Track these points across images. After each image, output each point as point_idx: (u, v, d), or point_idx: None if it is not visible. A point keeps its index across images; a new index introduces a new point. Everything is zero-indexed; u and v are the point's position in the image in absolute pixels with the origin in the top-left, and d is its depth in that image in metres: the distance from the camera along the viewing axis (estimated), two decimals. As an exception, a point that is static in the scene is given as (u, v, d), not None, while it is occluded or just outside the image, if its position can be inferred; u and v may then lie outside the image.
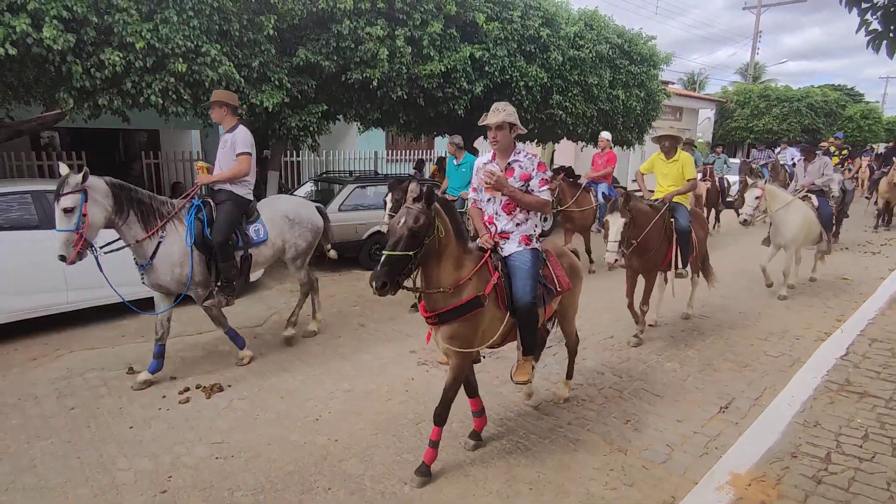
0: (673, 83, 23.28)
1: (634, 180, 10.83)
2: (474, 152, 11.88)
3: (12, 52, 4.41)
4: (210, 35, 5.62)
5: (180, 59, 5.32)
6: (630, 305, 5.50)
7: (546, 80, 8.87)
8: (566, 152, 18.86)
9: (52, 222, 5.31)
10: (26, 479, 3.19)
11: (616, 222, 4.72)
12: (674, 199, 5.42)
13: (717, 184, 11.53)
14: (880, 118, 27.18)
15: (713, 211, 11.69)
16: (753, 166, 12.63)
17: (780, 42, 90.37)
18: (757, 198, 6.68)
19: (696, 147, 11.50)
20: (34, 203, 5.23)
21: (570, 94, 9.45)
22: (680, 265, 5.36)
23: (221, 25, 5.67)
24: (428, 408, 4.03)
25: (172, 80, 5.40)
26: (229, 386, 4.37)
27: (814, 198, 7.11)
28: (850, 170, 11.02)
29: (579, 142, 12.20)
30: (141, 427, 3.77)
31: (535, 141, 12.53)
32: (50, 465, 3.33)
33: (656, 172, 5.72)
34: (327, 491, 3.11)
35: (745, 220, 6.79)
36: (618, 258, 4.76)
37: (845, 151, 10.86)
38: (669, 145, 5.56)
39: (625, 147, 12.81)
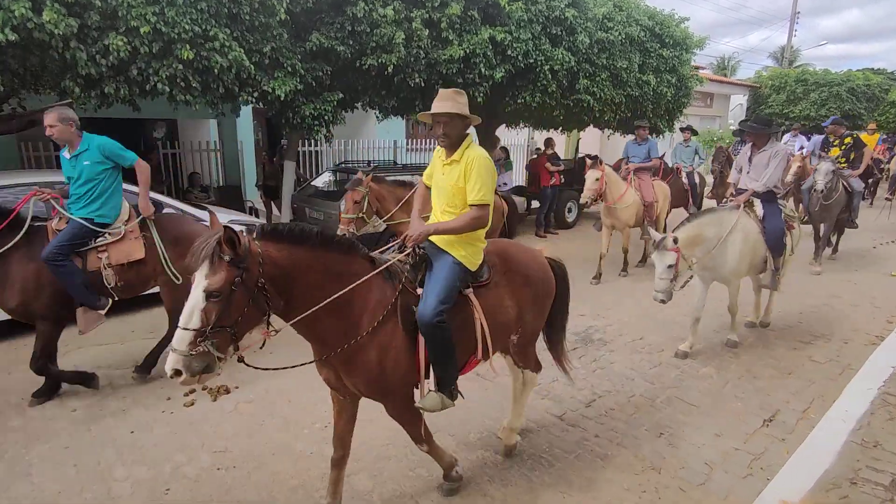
0: (703, 68, 22.39)
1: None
2: (495, 143, 11.56)
3: (13, 37, 4.23)
4: (219, 19, 5.37)
5: (188, 45, 5.09)
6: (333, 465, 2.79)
7: (573, 65, 8.43)
8: (592, 141, 18.31)
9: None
10: (20, 488, 3.03)
11: (195, 295, 2.05)
12: (436, 242, 2.69)
13: (685, 179, 9.38)
14: (925, 103, 25.72)
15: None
16: (733, 156, 10.70)
17: (816, 25, 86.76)
18: (670, 266, 4.31)
19: (696, 135, 10.04)
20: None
21: (597, 79, 8.98)
22: (430, 385, 2.60)
23: (231, 8, 5.41)
24: (440, 416, 3.77)
25: (180, 66, 5.17)
26: (236, 388, 4.17)
27: (758, 206, 4.97)
28: (855, 165, 8.06)
29: (605, 129, 11.72)
30: (142, 431, 3.59)
31: (560, 129, 12.09)
32: (46, 472, 3.17)
33: (433, 184, 2.89)
34: (333, 510, 2.87)
35: (663, 300, 4.39)
36: (190, 380, 2.06)
37: (848, 140, 8.11)
38: (447, 133, 2.64)
39: (653, 135, 12.27)
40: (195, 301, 2.04)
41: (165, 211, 5.57)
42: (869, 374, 4.27)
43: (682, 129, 10.17)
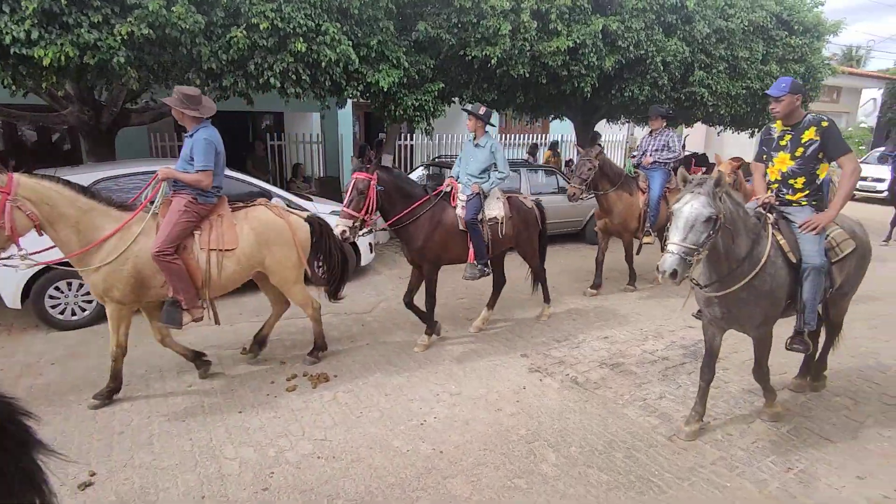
0: (831, 58, 20.16)
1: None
2: (595, 137, 11.07)
3: (147, 31, 4.55)
4: (330, 14, 5.50)
5: (300, 39, 5.25)
6: None
7: (687, 55, 7.84)
8: (697, 138, 17.16)
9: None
10: (143, 457, 3.24)
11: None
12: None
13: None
14: None
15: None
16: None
17: (970, 7, 75.01)
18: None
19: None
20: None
21: (714, 71, 8.30)
22: None
23: (342, 3, 5.52)
24: (542, 424, 3.61)
25: (292, 60, 5.35)
26: (335, 376, 4.25)
27: None
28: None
29: (716, 126, 10.84)
30: (249, 413, 3.73)
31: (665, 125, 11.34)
32: (165, 443, 3.37)
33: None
34: (430, 513, 2.80)
35: None
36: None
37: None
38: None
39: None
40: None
41: (274, 200, 5.82)
42: None
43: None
